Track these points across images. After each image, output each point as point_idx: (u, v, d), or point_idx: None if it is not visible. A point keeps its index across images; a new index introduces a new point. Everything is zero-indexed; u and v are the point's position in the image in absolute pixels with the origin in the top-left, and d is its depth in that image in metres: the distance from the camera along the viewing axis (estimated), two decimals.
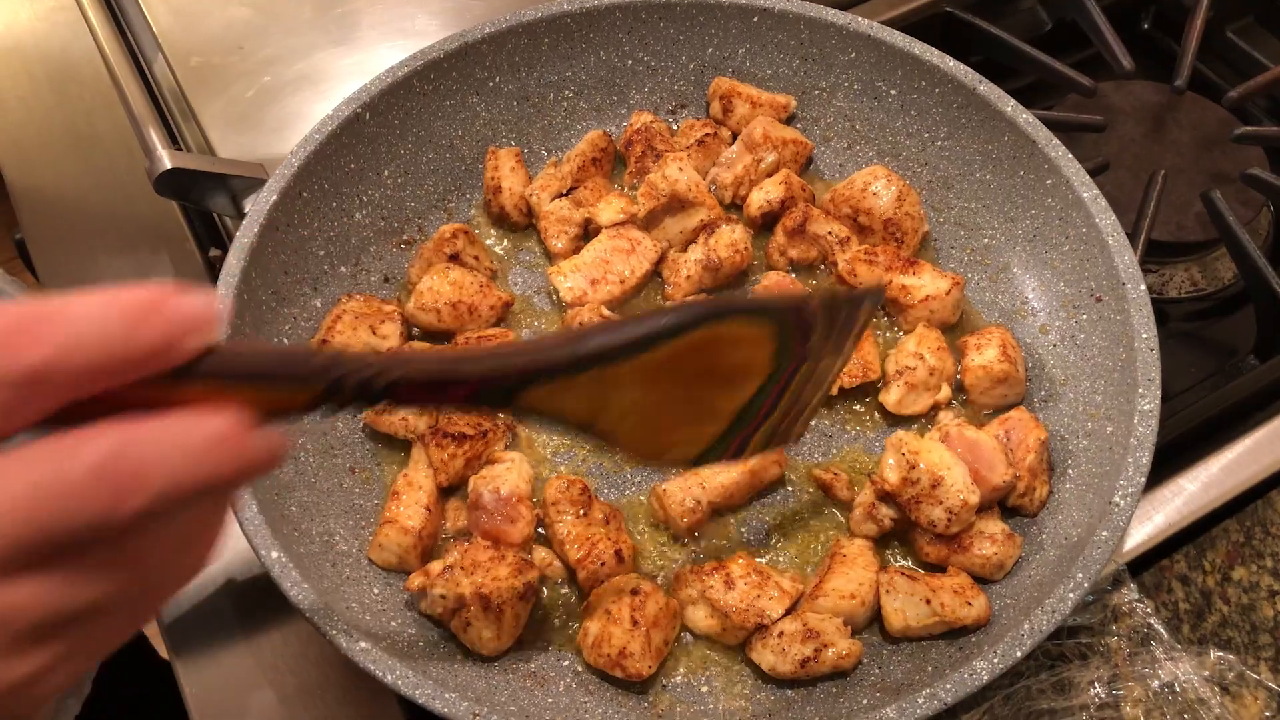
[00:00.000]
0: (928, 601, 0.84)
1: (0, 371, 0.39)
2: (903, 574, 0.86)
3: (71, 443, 0.42)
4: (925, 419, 0.99)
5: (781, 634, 0.84)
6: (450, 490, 0.94)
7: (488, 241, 1.11)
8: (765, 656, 0.84)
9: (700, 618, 0.87)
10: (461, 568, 0.85)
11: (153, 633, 1.58)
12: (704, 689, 0.85)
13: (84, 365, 0.41)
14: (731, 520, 0.94)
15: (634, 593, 0.85)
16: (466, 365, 0.56)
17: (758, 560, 0.90)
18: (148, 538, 0.45)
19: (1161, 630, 0.92)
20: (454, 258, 1.04)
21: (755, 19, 1.12)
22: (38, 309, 0.41)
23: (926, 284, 1.01)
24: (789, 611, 0.86)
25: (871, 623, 0.88)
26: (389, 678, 0.74)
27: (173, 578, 0.49)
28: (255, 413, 0.47)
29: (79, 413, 0.43)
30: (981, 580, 0.88)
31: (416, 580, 0.86)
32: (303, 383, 0.50)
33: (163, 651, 1.58)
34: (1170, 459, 1.01)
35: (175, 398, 0.45)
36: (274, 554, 0.78)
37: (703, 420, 0.72)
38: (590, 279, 1.04)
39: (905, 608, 0.85)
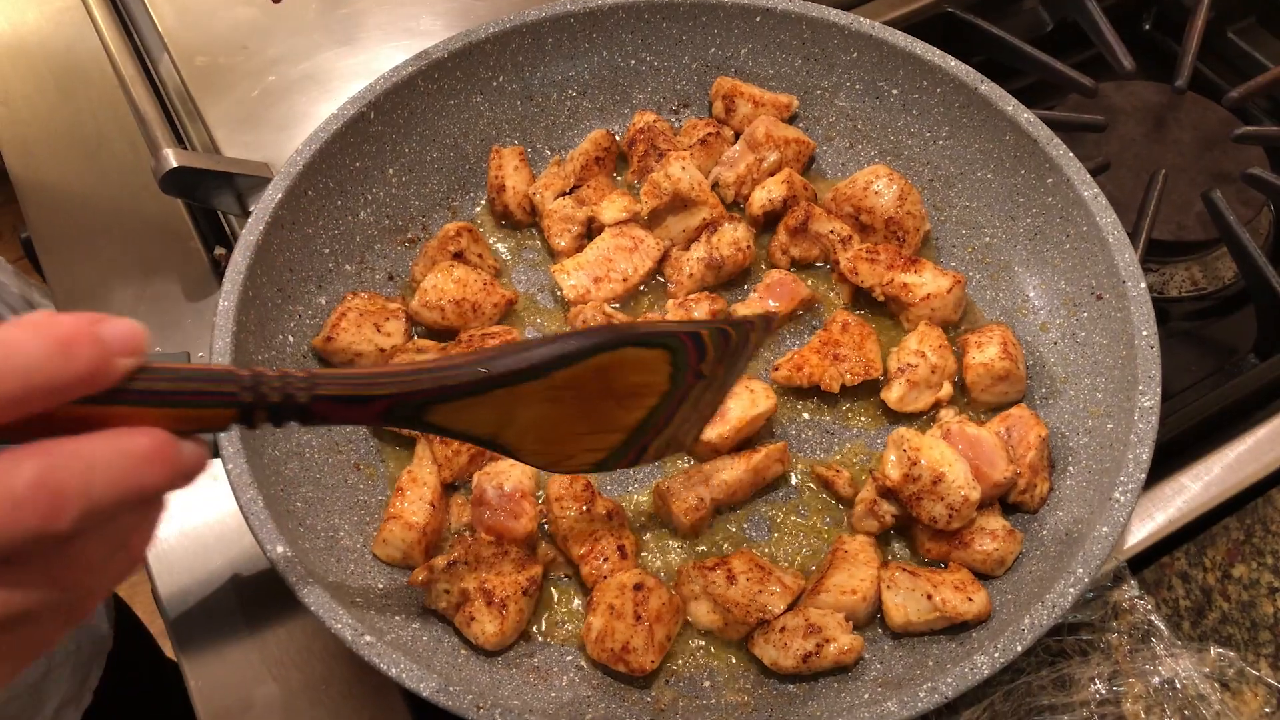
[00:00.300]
0: (929, 597, 0.84)
1: None
2: (904, 570, 0.87)
3: (9, 460, 0.44)
4: (927, 416, 0.99)
5: (783, 629, 0.84)
6: (454, 486, 0.95)
7: (491, 240, 1.12)
8: (767, 651, 0.85)
9: (703, 613, 0.87)
10: (465, 563, 0.86)
11: (159, 630, 1.59)
12: (706, 683, 0.86)
13: (19, 393, 0.44)
14: (734, 516, 0.95)
15: (637, 588, 0.85)
16: (380, 384, 0.60)
17: (759, 556, 0.91)
18: (81, 546, 0.48)
19: (1162, 627, 0.92)
20: (458, 256, 1.04)
21: (758, 19, 1.13)
22: None
23: (928, 282, 1.01)
24: (790, 607, 0.87)
25: (873, 618, 0.89)
26: (393, 671, 0.75)
27: (104, 581, 0.51)
28: (181, 427, 0.51)
29: (11, 430, 0.46)
30: (982, 576, 0.89)
31: (420, 575, 0.86)
32: (225, 401, 0.53)
33: (169, 651, 1.60)
34: (1171, 457, 1.01)
35: (105, 416, 0.48)
36: (279, 549, 0.79)
37: (602, 432, 0.75)
38: (593, 277, 1.04)
39: (906, 603, 0.85)
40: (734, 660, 0.88)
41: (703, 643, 0.88)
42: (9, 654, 0.48)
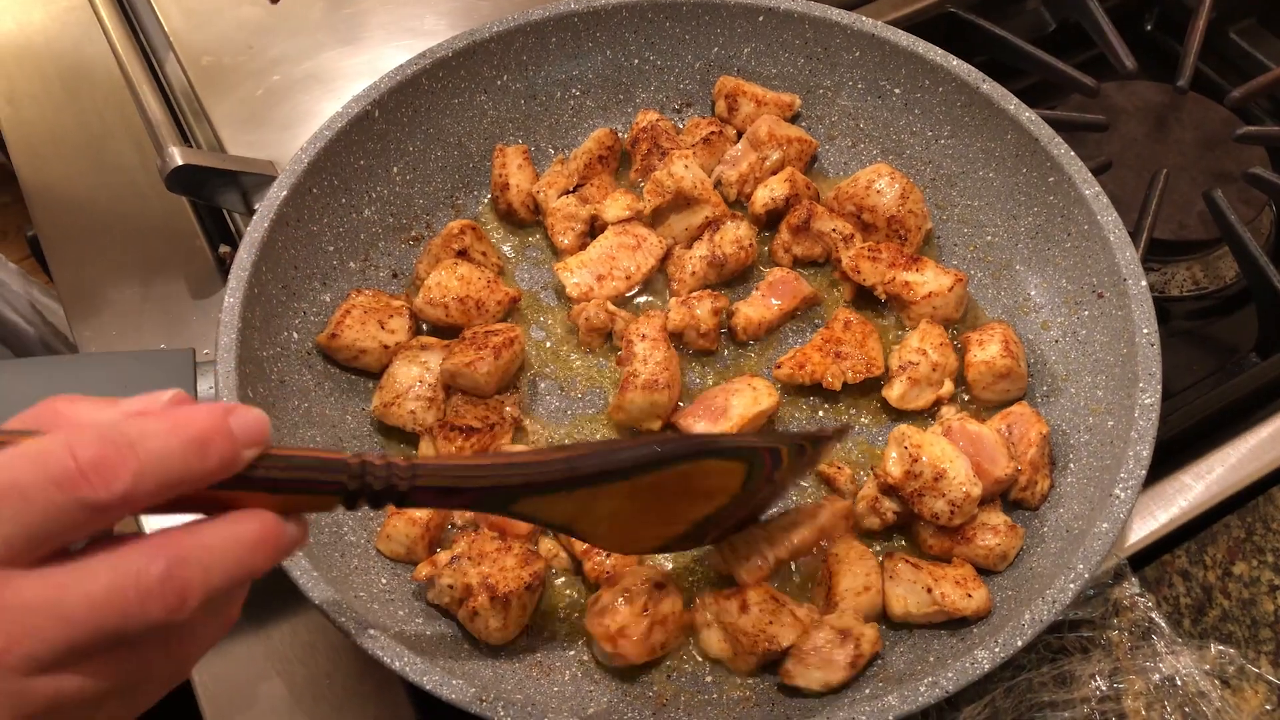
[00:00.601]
0: (929, 590, 0.85)
1: (89, 501, 0.47)
2: (907, 561, 0.87)
3: (143, 556, 0.49)
4: (928, 414, 0.99)
5: (816, 648, 0.82)
6: None
7: (495, 238, 1.12)
8: (813, 675, 0.82)
9: (713, 641, 0.86)
10: (469, 558, 0.86)
11: None
12: (708, 678, 0.86)
13: (158, 488, 0.49)
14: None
15: (658, 585, 0.85)
16: (475, 478, 0.65)
17: (775, 589, 0.89)
18: (193, 624, 0.53)
19: (1163, 624, 0.92)
20: (462, 254, 1.05)
21: (760, 18, 1.13)
22: (114, 438, 0.48)
23: (929, 281, 1.02)
24: None
25: (880, 612, 0.89)
26: (397, 664, 0.75)
27: (205, 645, 0.57)
28: (288, 509, 0.55)
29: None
30: (984, 571, 0.89)
31: (424, 570, 0.87)
32: (333, 489, 0.57)
33: None
34: (1172, 455, 1.01)
35: (224, 499, 0.53)
36: None
37: (668, 524, 0.80)
38: (596, 274, 1.05)
39: (907, 595, 0.85)
40: None
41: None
42: (120, 717, 0.53)
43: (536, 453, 0.70)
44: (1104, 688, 0.90)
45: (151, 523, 0.99)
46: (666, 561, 0.91)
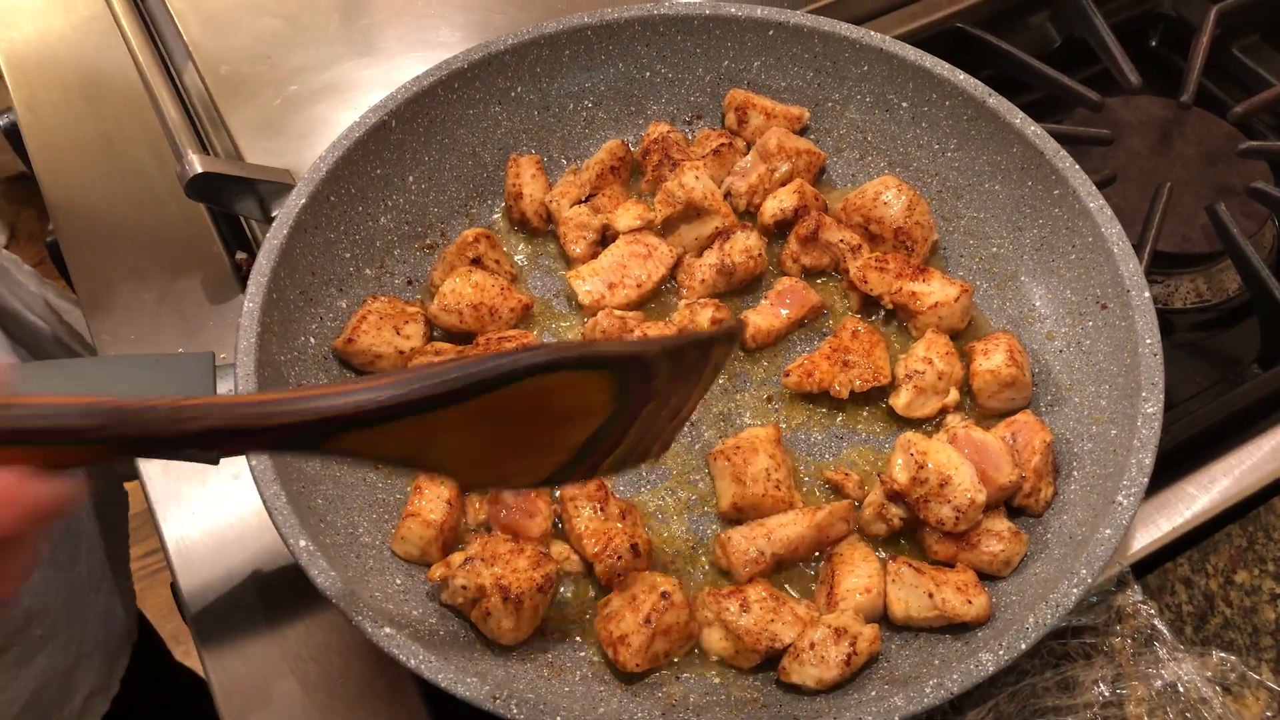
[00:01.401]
0: (930, 595, 0.86)
1: None
2: (910, 565, 0.88)
3: None
4: (934, 422, 1.01)
5: (813, 645, 0.84)
6: None
7: (508, 246, 1.14)
8: (808, 672, 0.84)
9: (715, 639, 0.88)
10: (482, 559, 0.87)
11: (168, 633, 1.61)
12: (716, 679, 0.88)
13: None
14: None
15: (664, 595, 0.86)
16: (274, 413, 0.56)
17: (775, 586, 0.90)
18: None
19: (1165, 631, 0.93)
20: (476, 261, 1.07)
21: (770, 32, 1.15)
22: None
23: (936, 291, 1.03)
24: None
25: (881, 614, 0.90)
26: (412, 662, 0.76)
27: (4, 590, 0.52)
28: (42, 464, 0.49)
29: None
30: (989, 577, 0.90)
31: (438, 571, 0.88)
32: (80, 438, 0.51)
33: (178, 655, 1.61)
34: (1174, 465, 1.02)
35: None
36: (302, 543, 0.81)
37: (543, 452, 0.72)
38: (608, 283, 1.06)
39: (908, 598, 0.87)
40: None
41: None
42: None
43: (346, 383, 0.62)
44: (1107, 693, 0.91)
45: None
46: (640, 551, 0.91)
